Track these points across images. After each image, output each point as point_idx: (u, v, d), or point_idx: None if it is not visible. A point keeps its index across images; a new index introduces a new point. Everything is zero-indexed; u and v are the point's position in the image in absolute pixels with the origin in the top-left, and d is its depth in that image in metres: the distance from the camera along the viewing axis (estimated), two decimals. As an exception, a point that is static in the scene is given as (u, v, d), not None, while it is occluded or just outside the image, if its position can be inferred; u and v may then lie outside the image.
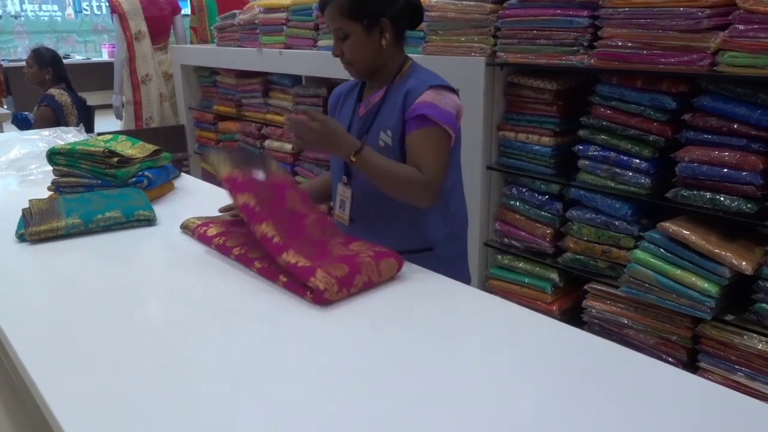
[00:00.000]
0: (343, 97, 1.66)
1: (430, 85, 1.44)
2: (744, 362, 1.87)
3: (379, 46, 1.46)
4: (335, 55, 1.50)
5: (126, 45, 4.30)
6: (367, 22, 1.43)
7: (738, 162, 1.81)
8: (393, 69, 1.51)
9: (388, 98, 1.50)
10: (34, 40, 9.58)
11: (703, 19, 1.79)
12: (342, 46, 1.46)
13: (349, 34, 1.44)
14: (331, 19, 1.45)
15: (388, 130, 1.48)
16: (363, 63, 1.48)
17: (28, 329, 1.15)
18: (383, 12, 1.43)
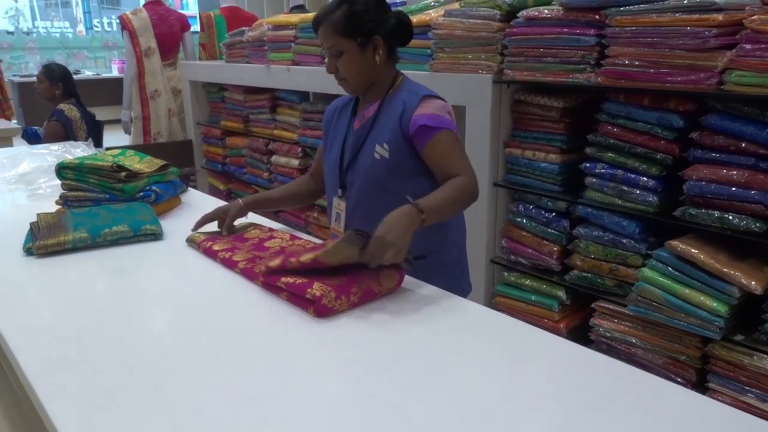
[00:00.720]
0: (338, 112, 1.69)
1: (422, 96, 1.50)
2: (754, 383, 1.84)
3: (372, 62, 1.51)
4: (329, 72, 1.55)
5: (136, 61, 4.34)
6: (361, 39, 1.48)
7: (746, 181, 1.80)
8: (386, 83, 1.56)
9: (382, 112, 1.55)
10: (46, 56, 9.70)
11: (710, 38, 1.79)
12: (336, 63, 1.51)
13: (343, 52, 1.49)
14: (326, 37, 1.50)
15: (384, 143, 1.51)
16: (357, 79, 1.53)
17: (34, 343, 1.15)
18: (376, 29, 1.49)
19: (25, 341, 1.16)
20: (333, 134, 1.69)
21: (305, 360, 1.09)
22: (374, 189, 1.55)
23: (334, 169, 1.63)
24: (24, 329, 1.21)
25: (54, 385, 1.01)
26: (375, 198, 1.54)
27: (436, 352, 1.11)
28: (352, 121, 1.62)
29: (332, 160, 1.64)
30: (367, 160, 1.55)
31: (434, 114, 1.47)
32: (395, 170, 1.52)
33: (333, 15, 1.48)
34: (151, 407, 0.95)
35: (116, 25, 10.47)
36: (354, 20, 1.47)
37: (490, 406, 0.95)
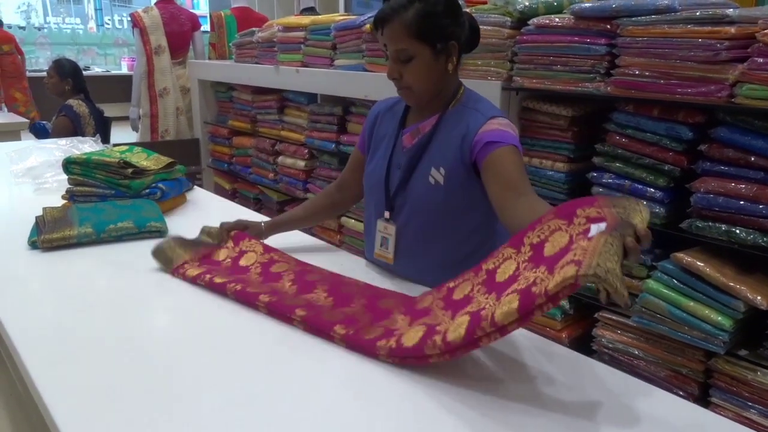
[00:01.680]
0: (382, 117, 1.53)
1: (489, 117, 1.36)
2: (757, 399, 1.83)
3: (444, 70, 1.35)
4: (392, 77, 1.36)
5: (145, 59, 4.36)
6: (439, 45, 1.32)
7: (755, 195, 1.79)
8: (448, 95, 1.41)
9: (440, 128, 1.39)
10: (56, 51, 9.75)
11: (722, 51, 1.78)
12: (401, 69, 1.33)
13: (413, 57, 1.31)
14: (395, 38, 1.31)
15: (441, 168, 1.37)
16: (425, 88, 1.36)
17: (35, 337, 1.15)
18: (453, 34, 1.33)
19: (27, 335, 1.16)
20: (375, 143, 1.52)
21: (307, 360, 1.09)
22: (426, 216, 1.41)
23: (379, 189, 1.47)
24: (27, 323, 1.21)
25: (55, 378, 1.01)
26: (426, 225, 1.42)
27: (438, 362, 1.10)
28: (400, 133, 1.46)
29: (376, 178, 1.48)
30: (420, 184, 1.40)
31: (498, 130, 1.33)
32: (448, 198, 1.37)
33: (405, 13, 1.29)
34: (151, 402, 0.95)
35: (127, 23, 10.52)
36: (432, 22, 1.30)
37: (490, 413, 0.94)
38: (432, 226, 1.41)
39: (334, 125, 3.25)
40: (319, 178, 3.44)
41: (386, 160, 1.46)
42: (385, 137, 1.49)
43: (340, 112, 3.23)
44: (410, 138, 1.43)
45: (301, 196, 3.57)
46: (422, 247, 1.43)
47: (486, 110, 1.38)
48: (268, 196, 3.93)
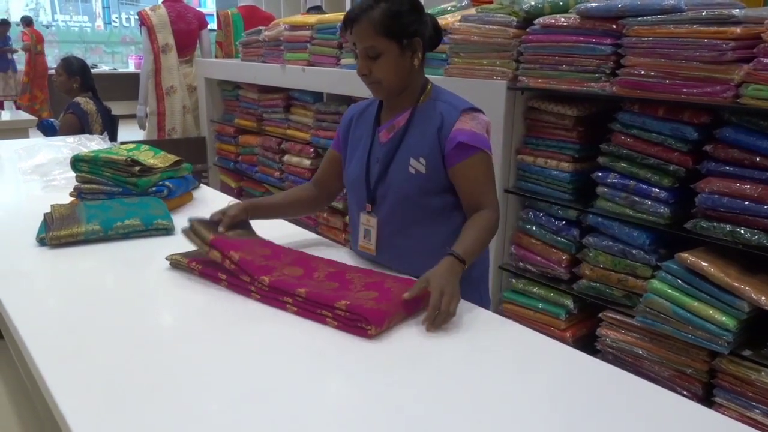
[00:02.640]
0: (356, 120, 1.59)
1: (462, 110, 1.43)
2: (761, 399, 1.83)
3: (410, 65, 1.43)
4: (361, 74, 1.44)
5: (153, 57, 4.38)
6: (405, 41, 1.39)
7: (759, 195, 1.78)
8: (417, 90, 1.48)
9: (414, 121, 1.46)
10: (64, 49, 9.80)
11: (728, 51, 1.78)
12: (371, 65, 1.41)
13: (381, 53, 1.39)
14: (363, 36, 1.39)
15: (421, 158, 1.44)
16: (393, 83, 1.43)
17: (44, 333, 1.17)
18: (418, 31, 1.41)
19: (35, 330, 1.17)
20: (353, 145, 1.58)
21: (313, 359, 1.10)
22: (407, 204, 1.47)
23: (360, 183, 1.53)
24: (34, 319, 1.23)
25: (63, 373, 1.02)
26: (406, 213, 1.48)
27: (444, 359, 1.11)
28: (376, 130, 1.53)
29: (356, 174, 1.54)
30: (400, 174, 1.46)
31: (473, 132, 1.41)
32: (429, 185, 1.45)
33: (372, 12, 1.37)
34: (159, 397, 0.96)
35: (134, 21, 10.55)
36: (397, 20, 1.37)
37: (494, 414, 0.95)
38: (412, 213, 1.48)
39: (338, 123, 3.25)
40: (325, 177, 3.45)
41: (365, 156, 1.52)
42: (361, 138, 1.55)
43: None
44: (386, 134, 1.50)
45: (306, 194, 3.58)
46: (403, 235, 1.49)
47: (457, 102, 1.46)
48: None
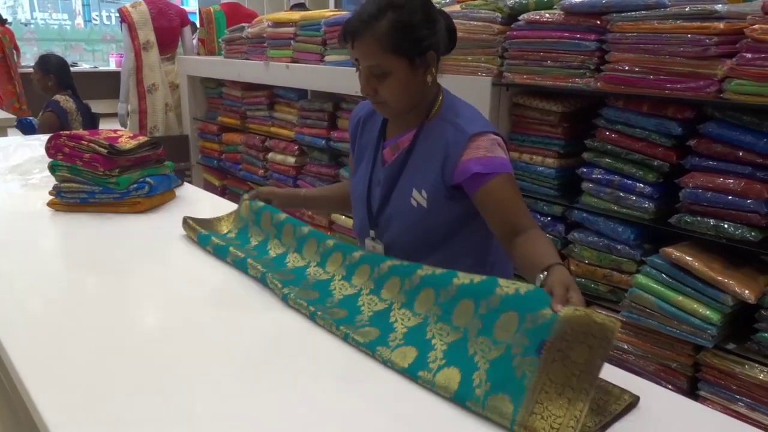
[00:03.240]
0: (363, 124, 1.45)
1: (469, 137, 1.24)
2: (745, 392, 1.84)
3: (423, 82, 1.25)
4: (366, 94, 1.26)
5: (134, 54, 4.32)
6: (418, 58, 1.21)
7: (743, 189, 1.80)
8: (427, 106, 1.30)
9: (419, 144, 1.30)
10: (43, 47, 9.65)
11: (711, 46, 1.79)
12: (377, 85, 1.23)
13: (389, 72, 1.21)
14: (367, 54, 1.20)
15: (423, 191, 1.28)
16: (403, 103, 1.26)
17: (22, 332, 1.14)
18: (431, 44, 1.22)
19: (13, 331, 1.14)
20: (359, 152, 1.43)
21: (299, 356, 1.08)
22: (410, 233, 1.34)
23: (362, 205, 1.40)
24: (12, 319, 1.20)
25: (41, 375, 1.00)
26: (411, 241, 1.35)
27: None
28: (381, 145, 1.37)
29: (358, 193, 1.42)
30: (402, 205, 1.32)
31: (486, 156, 1.22)
32: (431, 219, 1.30)
33: (378, 25, 1.17)
34: (139, 400, 0.94)
35: (115, 19, 10.43)
36: (409, 34, 1.18)
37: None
38: (419, 245, 1.34)
39: (325, 121, 3.24)
40: (310, 175, 3.43)
41: (367, 176, 1.38)
42: (367, 147, 1.41)
43: (330, 108, 3.22)
44: (390, 153, 1.35)
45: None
46: (411, 258, 1.34)
47: (467, 124, 1.26)
48: (258, 193, 3.92)
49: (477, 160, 1.22)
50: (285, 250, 1.44)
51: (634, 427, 0.90)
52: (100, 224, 1.79)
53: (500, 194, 1.22)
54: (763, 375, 1.79)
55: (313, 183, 3.39)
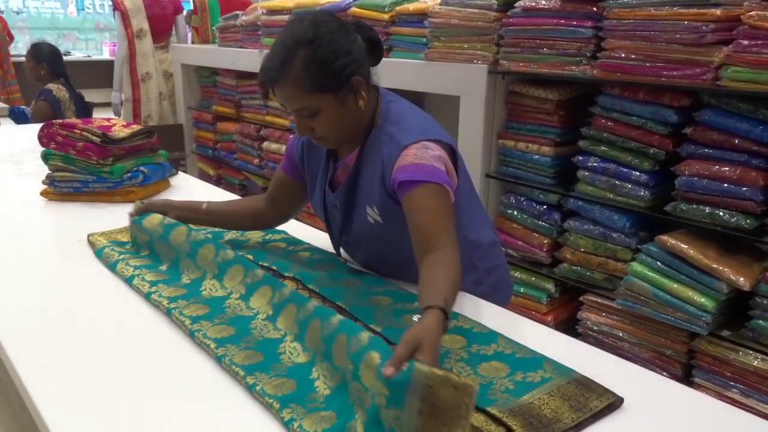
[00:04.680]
0: (306, 146, 1.37)
1: (404, 146, 1.18)
2: (739, 379, 1.85)
3: (356, 108, 1.20)
4: (303, 135, 1.23)
5: (127, 42, 4.28)
6: (341, 89, 1.16)
7: (738, 177, 1.80)
8: (367, 121, 1.26)
9: (363, 162, 1.26)
10: (36, 36, 9.56)
11: (707, 33, 1.79)
12: (311, 124, 1.19)
13: (318, 110, 1.16)
14: (290, 99, 1.16)
15: (374, 207, 1.26)
16: (341, 133, 1.22)
17: (17, 325, 1.14)
18: (353, 70, 1.16)
19: (8, 324, 1.14)
20: (311, 175, 1.39)
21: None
22: (377, 246, 1.33)
23: (327, 229, 1.40)
24: (6, 312, 1.19)
25: (37, 369, 0.99)
26: (380, 251, 1.35)
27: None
28: (330, 166, 1.33)
29: (321, 217, 1.39)
30: (361, 224, 1.30)
31: (413, 164, 1.15)
32: (394, 235, 1.25)
33: (291, 68, 1.12)
34: (135, 396, 0.94)
35: (108, 7, 10.33)
36: (324, 70, 1.13)
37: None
38: (391, 260, 1.34)
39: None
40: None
41: (322, 202, 1.35)
42: (318, 170, 1.36)
43: (325, 97, 3.20)
44: (342, 173, 1.31)
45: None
46: (384, 261, 1.37)
47: (402, 134, 1.20)
48: (254, 182, 3.91)
49: (402, 169, 1.16)
50: (201, 275, 1.29)
51: (629, 415, 0.90)
52: (94, 214, 1.78)
53: (420, 204, 1.14)
54: (757, 362, 1.80)
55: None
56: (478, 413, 0.86)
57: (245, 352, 1.01)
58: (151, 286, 1.25)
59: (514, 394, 0.90)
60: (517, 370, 0.97)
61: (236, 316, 1.15)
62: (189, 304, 1.18)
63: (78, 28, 10.57)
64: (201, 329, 1.08)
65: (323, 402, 0.90)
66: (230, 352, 1.01)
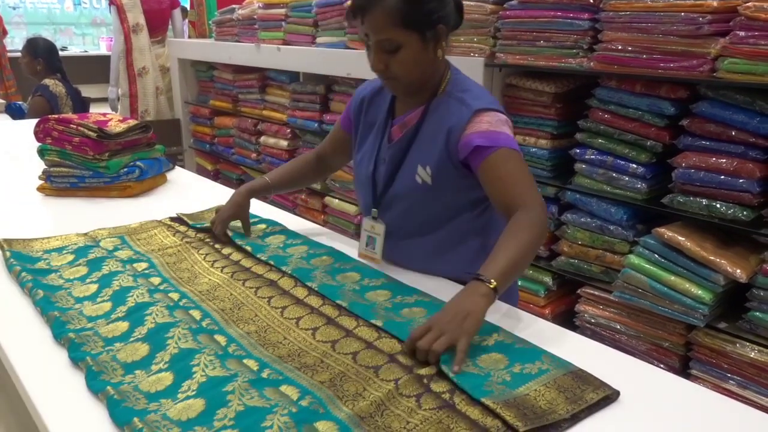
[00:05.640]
0: (368, 101, 1.42)
1: (474, 111, 1.23)
2: (736, 370, 1.86)
3: (433, 57, 1.24)
4: (377, 70, 1.24)
5: (123, 37, 4.27)
6: (428, 32, 1.20)
7: (735, 169, 1.80)
8: (435, 82, 1.30)
9: (426, 121, 1.30)
10: (32, 31, 9.52)
11: (704, 24, 1.78)
12: (388, 60, 1.21)
13: (401, 46, 1.19)
14: (378, 29, 1.19)
15: (428, 167, 1.28)
16: (414, 78, 1.25)
17: (13, 319, 1.13)
18: (442, 18, 1.21)
19: (5, 315, 1.14)
20: (364, 131, 1.42)
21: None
22: (414, 212, 1.33)
23: (366, 183, 1.39)
24: (4, 305, 1.19)
25: (35, 366, 0.99)
26: (415, 220, 1.34)
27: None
28: (389, 123, 1.36)
29: (363, 171, 1.40)
30: (407, 182, 1.31)
31: (488, 131, 1.21)
32: (435, 195, 1.29)
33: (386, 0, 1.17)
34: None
35: (104, 2, 10.28)
36: (418, 7, 1.17)
37: (474, 387, 0.94)
38: (420, 220, 1.34)
39: (317, 104, 3.22)
40: (303, 158, 3.40)
41: (374, 154, 1.37)
42: (373, 126, 1.40)
43: (322, 91, 3.19)
44: (398, 130, 1.34)
45: (284, 176, 3.54)
46: (412, 240, 1.37)
47: (473, 100, 1.26)
48: (251, 177, 3.90)
49: (479, 134, 1.21)
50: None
51: (626, 407, 0.90)
52: (90, 209, 1.77)
53: (501, 168, 1.20)
54: (754, 353, 1.80)
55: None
56: (473, 406, 0.86)
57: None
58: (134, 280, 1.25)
59: (510, 386, 0.90)
60: (515, 362, 0.97)
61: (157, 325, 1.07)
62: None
63: (74, 24, 10.53)
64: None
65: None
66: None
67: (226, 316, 1.12)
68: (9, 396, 1.47)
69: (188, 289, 1.23)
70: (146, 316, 1.09)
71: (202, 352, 0.97)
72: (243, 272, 1.31)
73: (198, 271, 1.31)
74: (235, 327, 1.09)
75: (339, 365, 0.97)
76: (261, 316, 1.13)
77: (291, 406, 0.85)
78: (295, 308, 1.15)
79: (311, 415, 0.84)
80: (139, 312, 1.10)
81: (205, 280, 1.26)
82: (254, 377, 0.92)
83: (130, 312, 1.11)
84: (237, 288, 1.23)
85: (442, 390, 0.89)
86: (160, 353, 0.98)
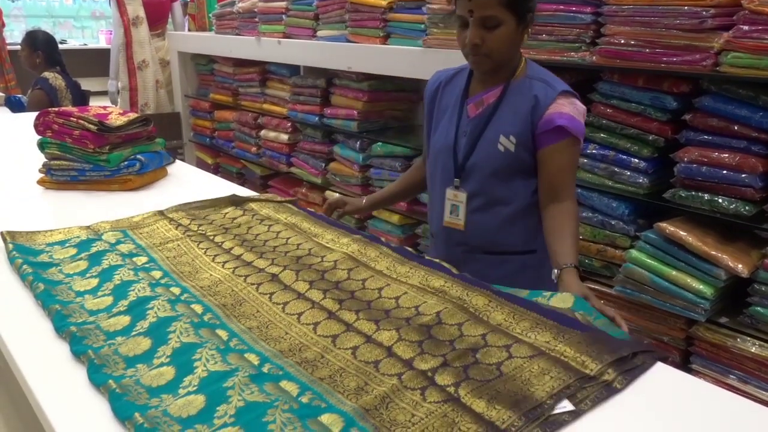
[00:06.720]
0: (443, 88, 1.56)
1: (560, 92, 1.39)
2: (737, 365, 1.86)
3: (521, 40, 1.40)
4: (474, 42, 1.35)
5: (123, 30, 4.25)
6: (524, 15, 1.36)
7: (737, 164, 1.79)
8: (513, 66, 1.44)
9: (506, 98, 1.43)
10: (31, 24, 9.49)
11: (708, 18, 1.77)
12: (485, 35, 1.34)
13: (500, 24, 1.33)
14: (484, 5, 1.32)
15: (511, 136, 1.41)
16: (503, 56, 1.39)
17: (13, 313, 1.13)
18: (533, 6, 1.38)
19: (8, 317, 1.13)
20: (439, 114, 1.55)
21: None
22: (494, 181, 1.46)
23: (447, 155, 1.51)
24: (5, 298, 1.19)
25: (40, 365, 0.99)
26: (493, 190, 1.47)
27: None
28: (464, 103, 1.49)
29: (442, 145, 1.52)
30: (488, 150, 1.44)
31: (572, 117, 1.37)
32: (516, 164, 1.43)
33: None
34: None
35: (104, -6, 10.24)
36: None
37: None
38: (498, 190, 1.47)
39: (318, 98, 3.21)
40: (303, 152, 3.40)
41: (453, 127, 1.49)
42: (448, 108, 1.53)
43: (323, 85, 3.18)
44: (474, 108, 1.47)
45: (284, 170, 3.54)
46: (488, 211, 1.49)
47: (555, 82, 1.41)
48: (251, 171, 3.90)
49: (561, 115, 1.36)
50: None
51: (626, 402, 0.90)
52: (91, 202, 1.77)
53: (563, 158, 1.38)
54: (755, 348, 1.80)
55: (306, 160, 3.37)
56: (479, 399, 0.86)
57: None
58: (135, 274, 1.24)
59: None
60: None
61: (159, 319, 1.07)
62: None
63: (74, 16, 10.49)
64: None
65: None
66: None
67: (227, 311, 1.12)
68: (10, 389, 1.47)
69: (189, 284, 1.22)
70: (148, 310, 1.08)
71: (204, 346, 0.97)
72: (244, 267, 1.30)
73: (199, 266, 1.31)
74: (237, 322, 1.08)
75: (339, 361, 0.96)
76: (263, 312, 1.12)
77: (292, 402, 0.85)
78: (296, 303, 1.15)
79: (314, 410, 0.84)
80: (140, 306, 1.10)
81: (206, 276, 1.26)
82: (255, 372, 0.91)
83: (132, 306, 1.10)
84: (239, 284, 1.22)
85: (447, 383, 0.89)
86: (162, 347, 0.98)
